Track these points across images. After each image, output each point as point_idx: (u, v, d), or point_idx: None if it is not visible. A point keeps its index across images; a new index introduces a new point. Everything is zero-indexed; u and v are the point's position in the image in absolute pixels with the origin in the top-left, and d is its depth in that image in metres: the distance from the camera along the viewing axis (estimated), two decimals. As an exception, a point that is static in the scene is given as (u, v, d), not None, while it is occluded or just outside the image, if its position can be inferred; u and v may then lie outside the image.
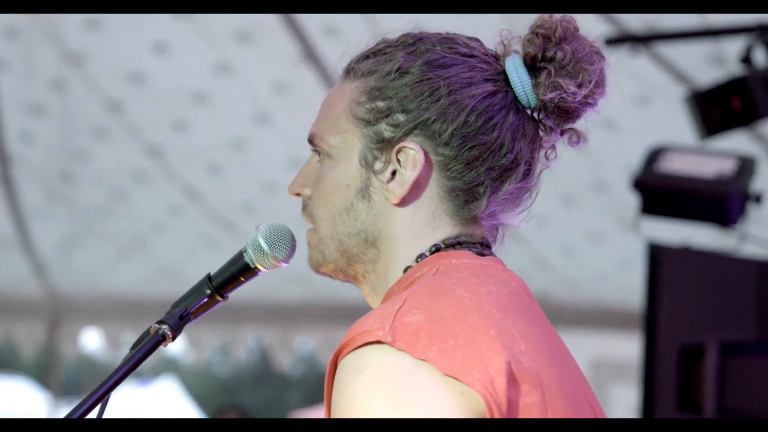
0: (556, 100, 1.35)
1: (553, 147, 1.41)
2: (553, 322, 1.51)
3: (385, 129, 1.35)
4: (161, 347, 1.35)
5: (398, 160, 1.33)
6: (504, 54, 1.37)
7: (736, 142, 3.72)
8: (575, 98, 1.35)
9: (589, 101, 1.37)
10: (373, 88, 1.36)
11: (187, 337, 5.84)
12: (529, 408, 1.21)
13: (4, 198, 5.22)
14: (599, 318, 6.27)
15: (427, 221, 1.36)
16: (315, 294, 5.55)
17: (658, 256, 3.41)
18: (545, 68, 1.35)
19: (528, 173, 1.39)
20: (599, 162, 4.85)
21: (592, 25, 4.41)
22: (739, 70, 3.50)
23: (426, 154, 1.32)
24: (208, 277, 1.37)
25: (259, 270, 1.36)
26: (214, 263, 4.49)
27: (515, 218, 1.42)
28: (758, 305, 3.35)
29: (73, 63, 4.61)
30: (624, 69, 4.03)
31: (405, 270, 1.34)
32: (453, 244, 1.35)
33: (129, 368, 1.30)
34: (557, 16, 1.41)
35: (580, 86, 1.36)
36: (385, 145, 1.35)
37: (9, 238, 5.52)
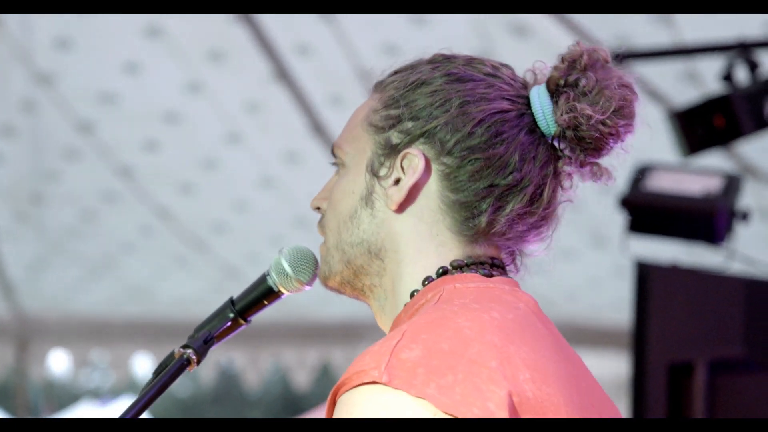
0: (573, 125, 1.29)
1: (570, 176, 1.34)
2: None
3: (393, 136, 1.32)
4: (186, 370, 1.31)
5: (402, 167, 1.30)
6: (534, 83, 1.33)
7: (710, 160, 3.70)
8: (590, 122, 1.28)
9: (611, 131, 1.29)
10: (390, 98, 1.33)
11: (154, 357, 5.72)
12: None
13: (-28, 219, 5.04)
14: (570, 335, 5.97)
15: (430, 235, 1.32)
16: (283, 314, 5.45)
17: (646, 274, 3.32)
18: (566, 93, 1.29)
19: (537, 198, 1.32)
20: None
21: (562, 42, 4.36)
22: (717, 88, 3.45)
23: (428, 162, 1.29)
24: (231, 301, 1.33)
25: (283, 293, 1.33)
26: (184, 283, 4.29)
27: (534, 246, 1.36)
28: (746, 322, 3.26)
29: (44, 83, 4.43)
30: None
31: (412, 294, 1.29)
32: (461, 266, 1.30)
33: (155, 393, 1.27)
34: (588, 45, 1.34)
35: (597, 112, 1.29)
36: (391, 151, 1.31)
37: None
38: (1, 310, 5.59)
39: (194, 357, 1.31)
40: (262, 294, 1.34)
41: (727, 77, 3.29)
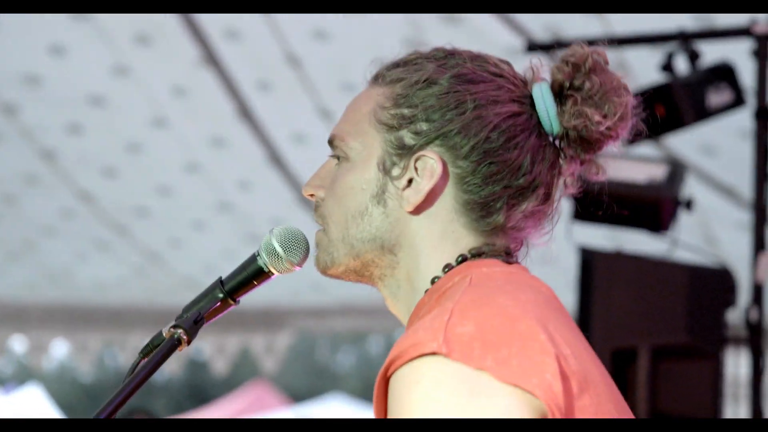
0: (580, 129, 1.27)
1: (573, 175, 1.32)
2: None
3: (406, 136, 1.32)
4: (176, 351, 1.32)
5: (416, 168, 1.29)
6: (532, 80, 1.31)
7: (640, 150, 3.55)
8: (599, 128, 1.27)
9: (612, 134, 1.28)
10: (400, 95, 1.32)
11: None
12: (584, 410, 1.16)
13: None
14: None
15: (445, 232, 1.31)
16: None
17: (590, 260, 3.21)
18: (572, 96, 1.27)
19: (547, 197, 1.31)
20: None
21: (497, 35, 4.26)
22: (648, 79, 3.34)
23: (444, 165, 1.29)
24: (220, 281, 1.31)
25: (273, 274, 1.31)
26: (105, 267, 3.80)
27: (538, 238, 1.33)
28: (689, 309, 3.14)
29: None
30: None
31: (432, 280, 1.28)
32: (479, 254, 1.28)
33: (146, 374, 1.26)
34: (588, 47, 1.30)
35: (605, 117, 1.27)
36: (405, 152, 1.32)
37: None
38: None
39: (185, 337, 1.26)
40: (252, 274, 1.31)
41: (667, 67, 3.17)
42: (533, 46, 3.69)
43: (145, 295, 5.34)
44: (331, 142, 1.37)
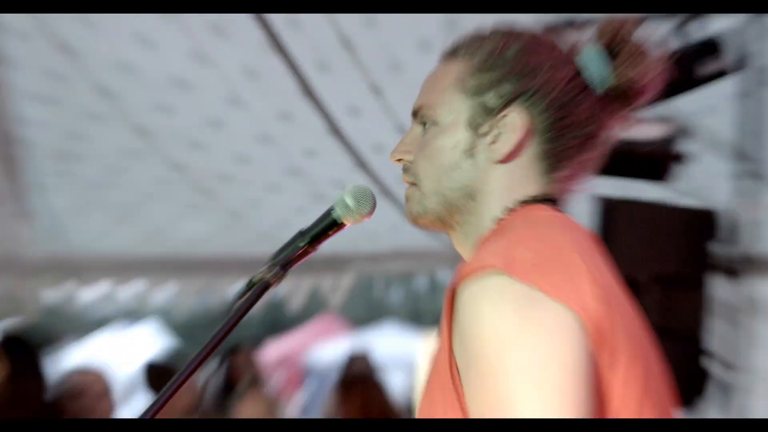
0: (634, 79, 1.36)
1: (613, 128, 1.41)
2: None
3: (491, 98, 1.35)
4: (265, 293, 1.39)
5: (502, 125, 1.33)
6: (574, 49, 1.37)
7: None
8: (645, 77, 1.37)
9: (656, 82, 1.38)
10: (481, 63, 1.36)
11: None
12: (615, 327, 1.22)
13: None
14: None
15: (521, 179, 1.36)
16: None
17: (605, 206, 3.40)
18: (621, 52, 1.36)
19: (596, 148, 1.40)
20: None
21: (521, 16, 4.46)
22: None
23: (531, 120, 1.34)
24: (300, 233, 1.37)
25: (345, 225, 1.37)
26: (195, 225, 4.38)
27: (583, 184, 1.43)
28: (685, 243, 3.43)
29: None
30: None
31: (496, 221, 1.34)
32: (538, 200, 1.35)
33: (243, 312, 1.34)
34: (622, 18, 1.43)
35: (648, 68, 1.37)
36: (490, 111, 1.35)
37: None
38: (52, 249, 5.75)
39: (274, 280, 1.36)
40: (327, 226, 1.38)
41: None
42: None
43: (230, 248, 5.80)
44: (416, 113, 1.42)
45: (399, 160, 1.40)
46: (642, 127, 3.28)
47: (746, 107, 3.45)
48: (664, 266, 3.40)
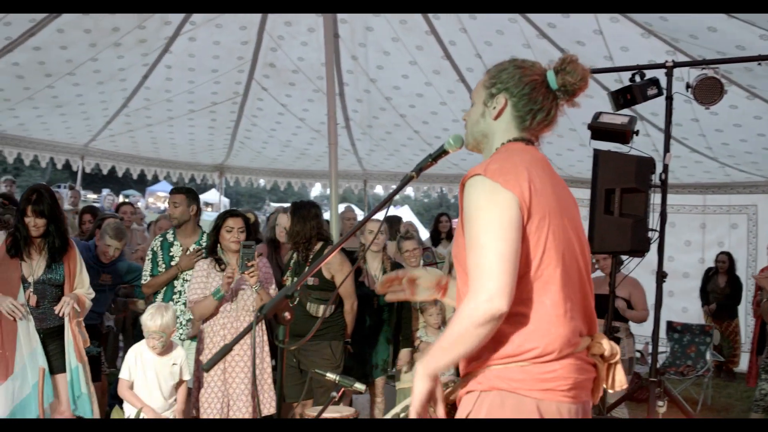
0: (566, 83, 2.41)
1: (561, 106, 2.47)
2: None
3: (493, 89, 2.46)
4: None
5: (495, 101, 2.46)
6: (548, 68, 2.46)
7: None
8: (573, 85, 2.42)
9: (580, 87, 2.44)
10: (491, 75, 2.49)
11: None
12: (537, 203, 2.29)
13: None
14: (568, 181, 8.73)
15: (506, 128, 2.45)
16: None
17: (598, 154, 5.26)
18: (562, 71, 2.42)
19: (551, 116, 2.45)
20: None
21: None
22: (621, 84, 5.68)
23: (505, 101, 2.44)
24: (430, 155, 2.51)
25: (449, 152, 2.53)
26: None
27: (546, 132, 2.49)
28: (636, 171, 5.14)
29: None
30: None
31: (497, 148, 2.44)
32: (516, 140, 2.44)
33: (392, 194, 2.48)
34: (570, 53, 2.41)
35: (576, 80, 2.41)
36: (492, 95, 2.47)
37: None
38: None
39: (416, 174, 2.44)
40: (442, 151, 2.52)
41: (632, 79, 5.63)
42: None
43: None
44: (471, 97, 2.53)
45: (465, 119, 2.56)
46: (618, 116, 5.37)
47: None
48: (627, 183, 5.14)
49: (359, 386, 3.04)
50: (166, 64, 9.13)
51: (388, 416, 2.43)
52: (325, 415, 4.33)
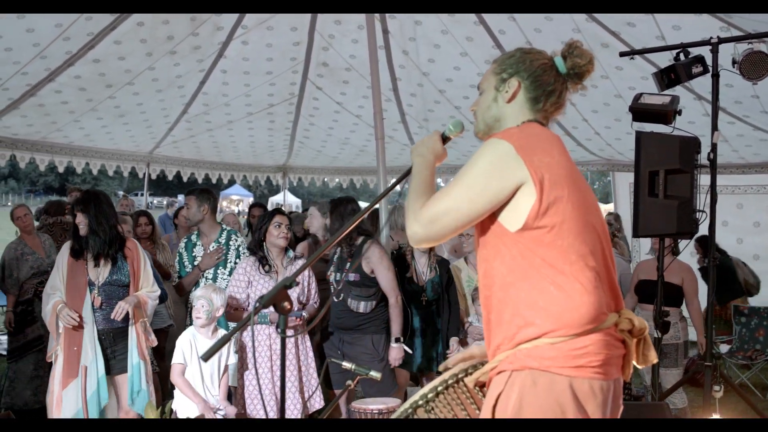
0: (574, 67, 2.53)
1: (572, 90, 2.57)
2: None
3: (504, 74, 2.58)
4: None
5: (508, 87, 2.56)
6: (555, 54, 2.57)
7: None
8: (581, 68, 2.52)
9: (588, 70, 2.53)
10: (500, 62, 2.61)
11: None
12: (553, 185, 2.37)
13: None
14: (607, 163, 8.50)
15: (520, 110, 2.55)
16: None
17: (640, 136, 5.23)
18: (569, 55, 2.55)
19: (562, 98, 2.56)
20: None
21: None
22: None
23: (519, 83, 2.54)
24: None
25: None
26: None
27: (557, 115, 2.60)
28: (679, 152, 5.08)
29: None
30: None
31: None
32: (530, 120, 2.54)
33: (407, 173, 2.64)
34: (576, 39, 2.51)
35: (584, 63, 2.52)
36: (503, 80, 2.58)
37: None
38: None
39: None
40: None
41: (677, 57, 5.50)
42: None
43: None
44: (479, 87, 2.60)
45: (473, 110, 2.65)
46: (659, 97, 5.33)
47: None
48: (670, 164, 5.12)
49: (375, 374, 3.09)
50: (222, 68, 9.30)
51: (396, 414, 2.49)
52: (371, 405, 4.44)
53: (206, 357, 2.29)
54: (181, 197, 37.92)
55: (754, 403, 5.73)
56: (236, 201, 41.19)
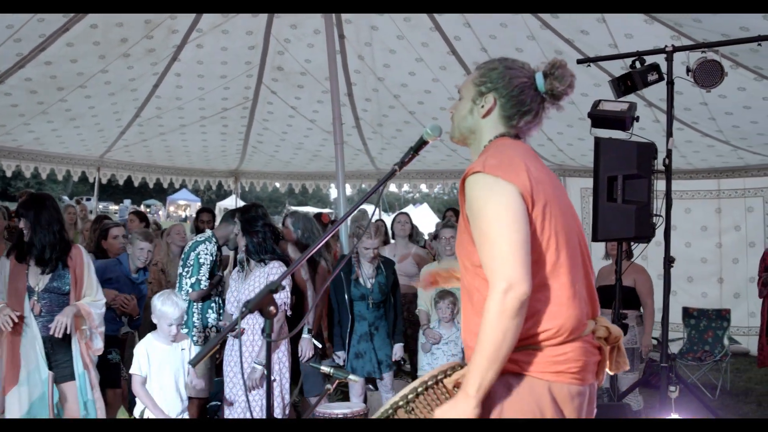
0: (553, 88, 2.47)
1: (547, 109, 2.54)
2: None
3: (482, 88, 2.53)
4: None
5: (484, 100, 2.52)
6: (536, 70, 2.51)
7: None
8: (560, 90, 2.48)
9: (565, 92, 2.49)
10: (482, 74, 2.55)
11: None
12: (536, 192, 2.32)
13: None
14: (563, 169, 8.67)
15: (494, 125, 2.53)
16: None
17: (599, 142, 5.31)
18: (551, 75, 2.48)
19: (538, 117, 2.53)
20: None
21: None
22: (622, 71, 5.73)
23: (495, 100, 2.50)
24: (411, 148, 2.61)
25: (429, 142, 2.59)
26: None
27: (533, 132, 2.57)
28: (637, 158, 5.15)
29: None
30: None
31: (486, 145, 2.51)
32: (504, 135, 2.52)
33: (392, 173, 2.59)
34: (559, 58, 2.48)
35: (564, 86, 2.47)
36: (481, 94, 2.53)
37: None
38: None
39: (401, 165, 2.54)
40: (420, 144, 2.60)
41: (633, 65, 5.63)
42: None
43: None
44: (459, 90, 2.56)
45: (451, 112, 2.61)
46: (618, 104, 5.40)
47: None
48: (628, 170, 5.17)
49: (354, 377, 3.10)
50: (176, 72, 9.22)
51: (377, 415, 2.49)
52: (337, 410, 4.44)
53: (194, 362, 2.26)
54: (127, 202, 37.37)
55: (707, 403, 5.81)
56: (183, 206, 40.71)
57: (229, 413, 5.33)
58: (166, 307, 5.07)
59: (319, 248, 6.20)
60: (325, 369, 3.11)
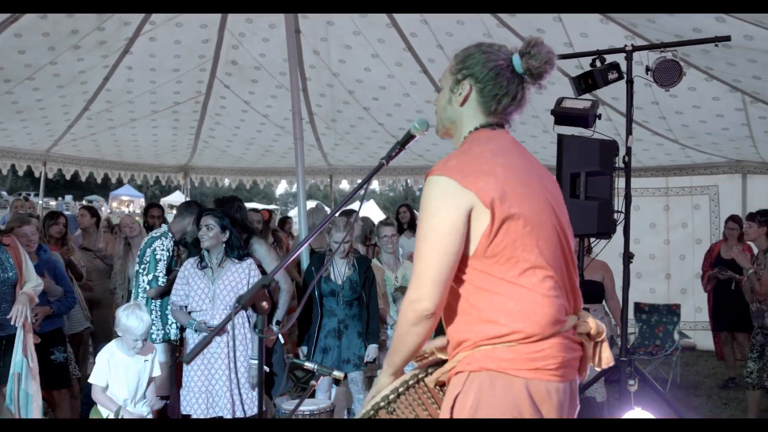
0: (531, 67, 2.38)
1: (529, 89, 2.45)
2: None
3: (459, 75, 2.46)
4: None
5: (460, 88, 2.46)
6: (515, 50, 2.43)
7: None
8: (538, 68, 2.38)
9: (545, 71, 2.40)
10: (459, 61, 2.48)
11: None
12: (505, 210, 2.26)
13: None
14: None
15: (473, 114, 2.44)
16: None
17: (562, 139, 5.23)
18: (527, 54, 2.40)
19: (518, 99, 2.44)
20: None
21: None
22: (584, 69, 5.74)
23: (471, 86, 2.43)
24: (398, 142, 2.54)
25: (416, 136, 2.51)
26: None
27: (516, 117, 2.48)
28: (599, 156, 5.16)
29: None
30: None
31: (466, 136, 2.44)
32: (482, 126, 2.44)
33: (375, 171, 2.49)
34: (535, 35, 2.36)
35: (541, 63, 2.37)
36: (458, 81, 2.47)
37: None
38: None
39: (388, 160, 2.49)
40: (408, 138, 2.53)
41: (593, 64, 5.63)
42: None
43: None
44: (440, 81, 2.50)
45: (435, 105, 2.57)
46: (580, 101, 5.36)
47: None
48: (591, 166, 5.15)
49: (338, 374, 3.08)
50: (127, 65, 9.04)
51: (359, 416, 2.47)
52: (302, 407, 4.39)
53: (189, 359, 2.22)
54: (69, 198, 36.61)
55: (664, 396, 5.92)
56: (126, 202, 40.04)
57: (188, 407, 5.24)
58: (130, 321, 4.94)
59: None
60: (309, 365, 3.07)
